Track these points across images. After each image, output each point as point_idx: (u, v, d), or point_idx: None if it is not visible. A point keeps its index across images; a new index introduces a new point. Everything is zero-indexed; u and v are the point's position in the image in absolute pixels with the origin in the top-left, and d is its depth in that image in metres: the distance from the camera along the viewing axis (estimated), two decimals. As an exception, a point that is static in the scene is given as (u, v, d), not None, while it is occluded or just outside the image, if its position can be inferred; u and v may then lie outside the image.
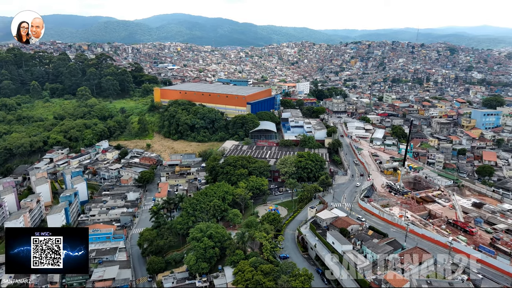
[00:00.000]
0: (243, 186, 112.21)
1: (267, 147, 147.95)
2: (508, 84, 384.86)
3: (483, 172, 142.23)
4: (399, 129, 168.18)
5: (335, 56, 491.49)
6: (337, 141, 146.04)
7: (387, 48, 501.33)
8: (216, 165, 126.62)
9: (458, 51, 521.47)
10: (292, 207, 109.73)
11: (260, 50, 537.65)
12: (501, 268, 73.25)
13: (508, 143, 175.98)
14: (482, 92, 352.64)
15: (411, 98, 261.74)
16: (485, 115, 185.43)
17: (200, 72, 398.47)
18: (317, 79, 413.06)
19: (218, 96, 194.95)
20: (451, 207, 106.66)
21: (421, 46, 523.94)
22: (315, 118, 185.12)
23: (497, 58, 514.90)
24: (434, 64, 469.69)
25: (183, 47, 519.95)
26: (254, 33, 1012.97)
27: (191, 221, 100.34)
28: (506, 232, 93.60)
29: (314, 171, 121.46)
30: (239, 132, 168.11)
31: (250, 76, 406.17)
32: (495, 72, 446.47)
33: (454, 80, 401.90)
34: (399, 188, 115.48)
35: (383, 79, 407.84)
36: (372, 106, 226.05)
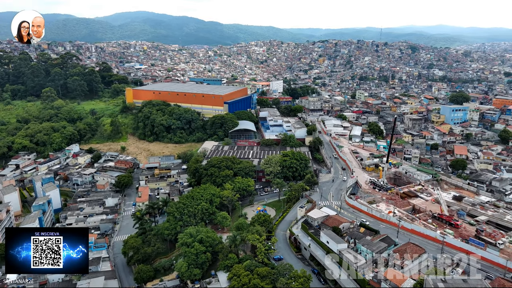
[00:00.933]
0: (230, 187, 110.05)
1: (248, 147, 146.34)
2: (467, 80, 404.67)
3: (456, 166, 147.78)
4: (375, 126, 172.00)
5: (304, 55, 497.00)
6: (318, 139, 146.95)
7: (353, 46, 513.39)
8: (199, 167, 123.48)
9: (419, 50, 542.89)
10: (281, 207, 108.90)
11: (229, 49, 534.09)
12: (490, 259, 76.05)
13: (475, 137, 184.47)
14: (444, 88, 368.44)
15: (382, 96, 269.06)
16: (454, 110, 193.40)
17: (168, 71, 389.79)
18: (287, 78, 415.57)
19: (194, 96, 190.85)
20: (434, 201, 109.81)
21: (384, 45, 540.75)
22: (293, 116, 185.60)
23: (455, 56, 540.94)
24: (398, 62, 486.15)
25: (150, 46, 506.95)
26: (220, 32, 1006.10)
27: (179, 226, 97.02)
28: (486, 223, 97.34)
29: (299, 170, 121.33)
30: (218, 132, 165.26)
31: (220, 75, 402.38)
32: (454, 69, 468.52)
33: (417, 78, 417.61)
34: (382, 184, 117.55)
35: (351, 77, 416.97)
36: (346, 103, 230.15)
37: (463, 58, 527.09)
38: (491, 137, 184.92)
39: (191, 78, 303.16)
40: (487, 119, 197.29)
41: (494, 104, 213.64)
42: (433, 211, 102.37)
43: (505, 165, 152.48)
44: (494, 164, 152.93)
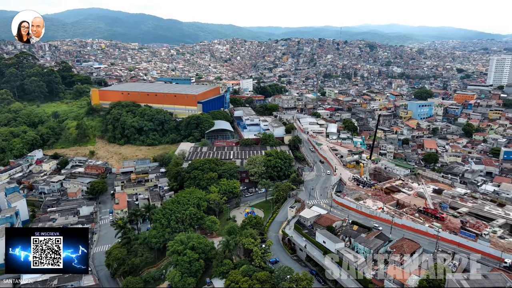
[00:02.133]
0: (215, 190, 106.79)
1: (228, 148, 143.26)
2: (424, 77, 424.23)
3: (429, 160, 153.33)
4: (350, 122, 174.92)
5: (267, 53, 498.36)
6: (297, 137, 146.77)
7: (315, 45, 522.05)
8: (181, 170, 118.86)
9: (376, 48, 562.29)
10: (269, 208, 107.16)
11: (192, 47, 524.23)
12: (481, 250, 78.74)
13: (441, 131, 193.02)
14: (403, 85, 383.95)
15: (351, 93, 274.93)
16: (420, 106, 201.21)
17: (130, 71, 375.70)
18: (252, 76, 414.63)
19: (166, 96, 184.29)
20: (416, 195, 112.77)
21: (344, 43, 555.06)
22: (268, 115, 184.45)
23: (409, 53, 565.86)
24: (358, 59, 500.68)
25: (108, 44, 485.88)
26: (180, 30, 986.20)
27: (167, 233, 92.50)
28: (467, 215, 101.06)
29: (284, 169, 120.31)
30: (194, 133, 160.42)
31: (184, 74, 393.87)
32: (410, 66, 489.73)
33: (378, 75, 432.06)
34: (366, 181, 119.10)
35: (315, 75, 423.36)
36: (317, 101, 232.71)
37: (417, 56, 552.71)
38: (455, 131, 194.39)
39: (158, 77, 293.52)
40: (450, 114, 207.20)
41: (455, 99, 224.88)
42: (417, 205, 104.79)
43: (472, 157, 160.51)
44: (462, 156, 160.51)
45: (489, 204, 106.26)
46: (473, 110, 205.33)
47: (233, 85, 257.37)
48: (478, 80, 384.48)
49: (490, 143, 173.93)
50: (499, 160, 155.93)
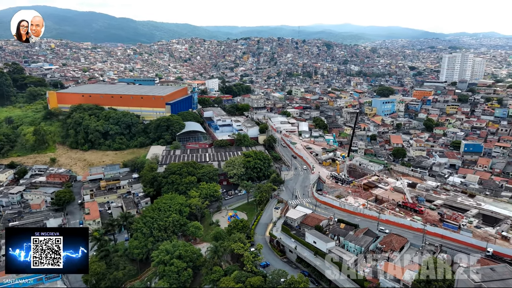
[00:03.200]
0: (196, 195, 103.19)
1: (202, 150, 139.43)
2: (379, 74, 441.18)
3: (397, 154, 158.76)
4: (320, 120, 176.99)
5: (227, 52, 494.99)
6: (272, 137, 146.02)
7: (275, 44, 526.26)
8: (157, 175, 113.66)
9: (333, 47, 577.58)
10: (252, 210, 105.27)
11: (149, 47, 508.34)
12: (464, 241, 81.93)
13: (404, 127, 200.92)
14: (360, 82, 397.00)
15: (317, 91, 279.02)
16: (384, 103, 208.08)
17: (84, 72, 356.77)
18: (213, 76, 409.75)
19: (132, 97, 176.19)
20: (392, 190, 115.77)
21: (303, 42, 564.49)
22: (239, 115, 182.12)
23: (364, 52, 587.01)
24: (317, 58, 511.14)
25: (58, 44, 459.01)
26: (134, 29, 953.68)
27: (150, 243, 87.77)
28: (442, 206, 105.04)
29: (264, 169, 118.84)
30: (164, 135, 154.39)
31: (143, 75, 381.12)
32: (366, 64, 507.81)
33: (337, 73, 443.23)
34: (344, 178, 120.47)
35: (276, 73, 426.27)
36: (285, 100, 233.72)
37: (371, 54, 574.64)
38: (417, 126, 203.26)
39: (119, 79, 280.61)
40: (411, 110, 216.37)
41: (414, 96, 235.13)
42: (395, 199, 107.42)
43: (436, 150, 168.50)
44: (427, 150, 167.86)
45: (460, 196, 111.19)
46: (431, 106, 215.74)
47: (199, 85, 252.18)
48: (430, 77, 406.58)
49: (450, 137, 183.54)
50: (460, 152, 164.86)
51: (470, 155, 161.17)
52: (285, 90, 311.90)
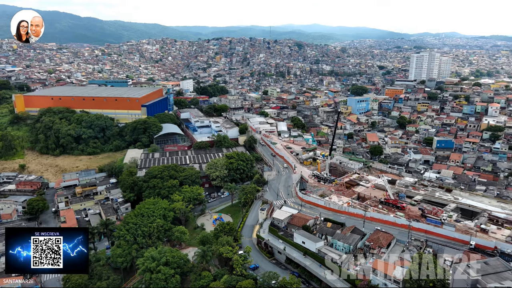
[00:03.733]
0: (179, 198, 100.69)
1: (182, 152, 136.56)
2: (350, 74, 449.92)
3: (375, 152, 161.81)
4: (298, 120, 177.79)
5: (200, 53, 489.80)
6: (252, 137, 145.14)
7: (247, 44, 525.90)
8: (137, 179, 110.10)
9: (304, 47, 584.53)
10: (237, 212, 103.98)
11: (118, 47, 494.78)
12: (447, 235, 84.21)
13: (379, 125, 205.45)
14: (333, 82, 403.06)
15: (293, 91, 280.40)
16: (358, 101, 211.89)
17: (50, 73, 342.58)
18: (186, 76, 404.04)
19: (105, 100, 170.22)
20: (373, 187, 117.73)
21: (275, 42, 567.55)
22: (217, 116, 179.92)
23: (334, 52, 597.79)
24: (289, 58, 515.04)
25: (20, 45, 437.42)
26: (100, 29, 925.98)
27: (134, 250, 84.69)
28: (422, 202, 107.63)
29: (246, 171, 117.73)
30: (142, 138, 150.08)
31: (113, 76, 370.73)
32: (337, 64, 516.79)
33: (309, 72, 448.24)
34: (326, 177, 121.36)
35: (250, 74, 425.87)
36: (261, 100, 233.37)
37: (341, 54, 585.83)
38: (390, 124, 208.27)
39: (90, 80, 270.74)
40: (384, 108, 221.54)
41: (386, 94, 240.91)
42: (377, 196, 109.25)
43: (410, 147, 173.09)
44: (402, 147, 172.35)
45: (438, 191, 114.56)
46: (403, 104, 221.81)
47: (173, 86, 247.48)
48: (398, 76, 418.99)
49: (422, 134, 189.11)
50: (432, 148, 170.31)
51: (443, 151, 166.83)
52: (260, 90, 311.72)
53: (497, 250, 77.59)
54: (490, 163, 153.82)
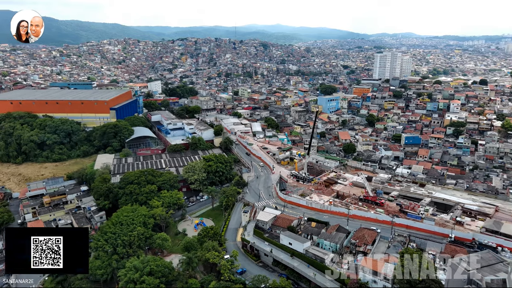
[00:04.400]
0: (158, 204, 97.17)
1: (156, 156, 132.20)
2: (316, 73, 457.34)
3: (348, 150, 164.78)
4: (272, 120, 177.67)
5: (164, 53, 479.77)
6: (228, 139, 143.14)
7: (212, 44, 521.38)
8: (112, 186, 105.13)
9: (269, 47, 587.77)
10: (219, 215, 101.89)
11: (78, 48, 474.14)
12: (428, 229, 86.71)
13: (349, 123, 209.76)
14: (300, 81, 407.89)
15: (263, 91, 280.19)
16: (329, 100, 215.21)
17: (4, 76, 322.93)
18: (151, 78, 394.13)
19: (70, 103, 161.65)
20: (351, 185, 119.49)
21: (240, 43, 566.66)
22: (190, 118, 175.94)
23: (299, 52, 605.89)
24: (255, 58, 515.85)
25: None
26: (57, 29, 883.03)
27: (115, 261, 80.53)
28: (399, 197, 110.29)
29: (226, 173, 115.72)
30: (112, 143, 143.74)
31: (73, 78, 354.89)
32: (302, 63, 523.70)
33: (276, 72, 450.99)
34: (305, 176, 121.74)
35: (217, 74, 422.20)
36: (233, 101, 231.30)
37: (306, 54, 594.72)
38: (360, 122, 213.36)
39: (51, 83, 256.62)
40: (353, 106, 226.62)
41: (354, 93, 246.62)
42: (356, 194, 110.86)
43: (380, 144, 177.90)
44: (373, 144, 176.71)
45: (412, 186, 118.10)
46: (371, 102, 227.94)
47: (141, 88, 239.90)
48: (362, 75, 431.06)
49: (391, 131, 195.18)
50: (401, 145, 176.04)
51: (411, 147, 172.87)
52: (229, 91, 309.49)
53: (475, 242, 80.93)
54: (455, 157, 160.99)
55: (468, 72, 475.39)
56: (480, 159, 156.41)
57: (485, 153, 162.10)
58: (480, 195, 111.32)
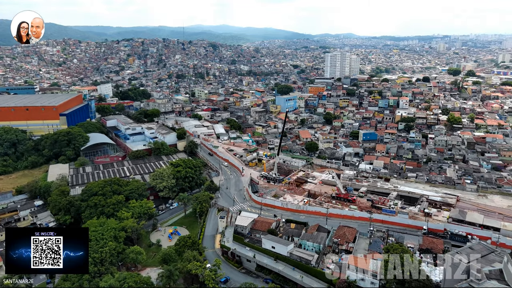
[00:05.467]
0: (128, 215, 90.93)
1: (117, 163, 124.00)
2: (268, 73, 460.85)
3: (311, 148, 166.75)
4: (234, 122, 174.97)
5: (109, 55, 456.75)
6: (193, 142, 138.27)
7: (160, 45, 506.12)
8: (73, 199, 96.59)
9: (219, 47, 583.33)
10: (193, 223, 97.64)
11: (11, 49, 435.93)
12: (402, 223, 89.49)
13: (307, 122, 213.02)
14: (252, 81, 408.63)
15: (221, 92, 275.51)
16: (287, 100, 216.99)
17: None
18: (97, 80, 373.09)
19: (13, 110, 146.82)
20: (321, 183, 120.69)
21: (189, 43, 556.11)
22: (150, 122, 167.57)
23: (248, 52, 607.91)
24: (205, 59, 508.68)
25: None
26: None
27: (86, 281, 73.70)
28: (368, 193, 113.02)
29: (195, 178, 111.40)
30: (66, 152, 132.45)
31: (8, 82, 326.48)
32: (253, 64, 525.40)
33: (228, 73, 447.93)
34: (275, 177, 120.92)
35: (167, 76, 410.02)
36: (190, 103, 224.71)
37: (256, 54, 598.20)
38: (318, 120, 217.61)
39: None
40: (310, 105, 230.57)
41: (310, 92, 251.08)
42: (327, 192, 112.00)
43: (340, 141, 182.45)
44: (333, 142, 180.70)
45: (378, 181, 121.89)
46: (327, 101, 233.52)
47: (90, 91, 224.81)
48: (312, 74, 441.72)
49: (348, 128, 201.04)
50: (359, 141, 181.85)
51: (368, 143, 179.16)
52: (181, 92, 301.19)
53: (446, 232, 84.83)
54: (409, 151, 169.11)
55: (407, 70, 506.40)
56: (432, 152, 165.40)
57: (435, 146, 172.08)
58: (440, 186, 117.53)
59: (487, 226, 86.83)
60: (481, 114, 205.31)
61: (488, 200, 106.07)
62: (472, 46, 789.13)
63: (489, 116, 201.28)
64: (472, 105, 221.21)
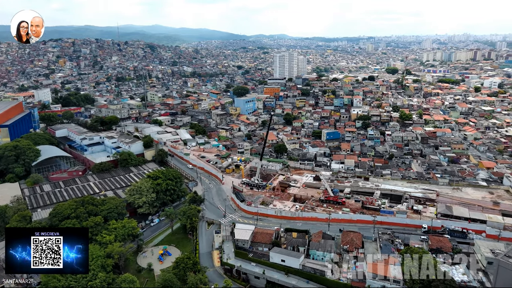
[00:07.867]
0: (110, 239, 79.65)
1: (80, 179, 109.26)
2: (212, 74, 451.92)
3: (280, 150, 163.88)
4: (199, 126, 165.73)
5: (36, 57, 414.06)
6: (162, 150, 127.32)
7: (94, 46, 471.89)
8: (39, 225, 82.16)
9: (157, 48, 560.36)
10: (185, 240, 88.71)
11: None
12: (401, 223, 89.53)
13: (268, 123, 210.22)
14: (197, 83, 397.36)
15: (174, 95, 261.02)
16: (246, 102, 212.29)
17: None
18: (24, 85, 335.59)
19: None
20: (304, 186, 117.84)
21: (125, 44, 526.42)
22: (108, 130, 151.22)
23: (188, 53, 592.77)
24: (144, 60, 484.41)
25: None
26: None
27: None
28: (354, 194, 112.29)
29: (177, 190, 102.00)
30: (14, 168, 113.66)
31: None
32: (194, 65, 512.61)
33: (172, 75, 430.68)
34: (258, 183, 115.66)
35: (106, 79, 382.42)
36: (144, 107, 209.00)
37: (196, 55, 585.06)
38: (278, 121, 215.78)
39: None
40: (268, 106, 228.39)
41: (265, 93, 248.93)
42: (314, 195, 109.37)
43: (305, 142, 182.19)
44: (298, 142, 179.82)
45: (358, 180, 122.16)
46: (284, 101, 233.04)
47: (25, 97, 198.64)
48: (256, 75, 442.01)
49: (308, 127, 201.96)
50: (323, 141, 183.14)
51: (332, 142, 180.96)
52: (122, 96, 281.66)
53: (444, 229, 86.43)
54: (371, 148, 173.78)
55: (343, 69, 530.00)
56: (392, 148, 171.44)
57: (393, 142, 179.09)
58: (415, 182, 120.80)
59: (474, 219, 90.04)
60: (427, 110, 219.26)
61: (463, 193, 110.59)
62: (395, 46, 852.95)
63: (434, 112, 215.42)
64: (417, 102, 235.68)
